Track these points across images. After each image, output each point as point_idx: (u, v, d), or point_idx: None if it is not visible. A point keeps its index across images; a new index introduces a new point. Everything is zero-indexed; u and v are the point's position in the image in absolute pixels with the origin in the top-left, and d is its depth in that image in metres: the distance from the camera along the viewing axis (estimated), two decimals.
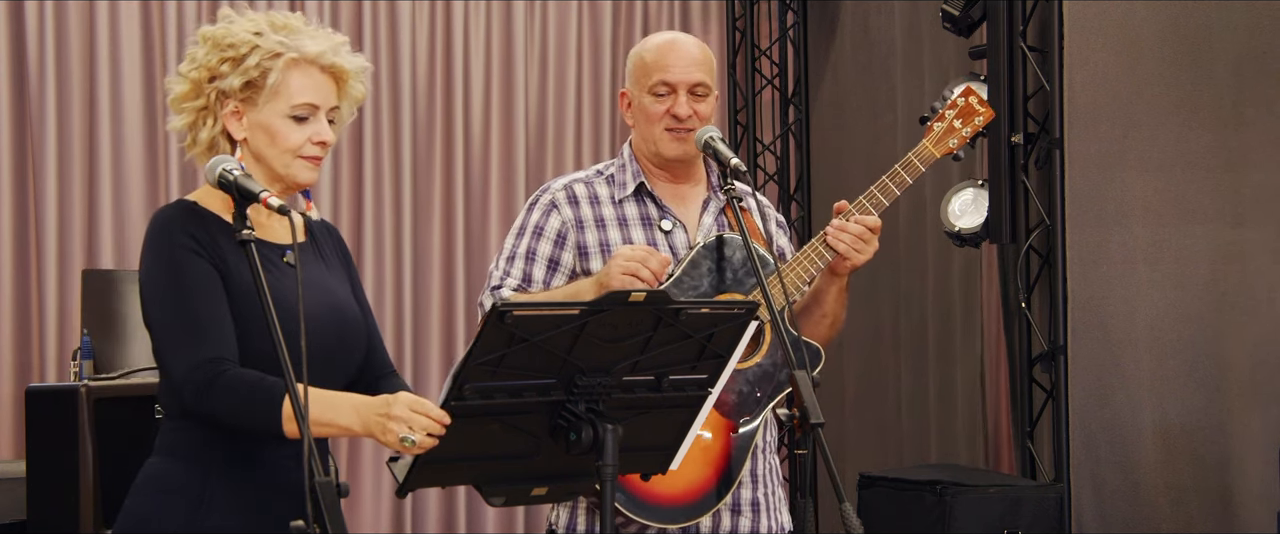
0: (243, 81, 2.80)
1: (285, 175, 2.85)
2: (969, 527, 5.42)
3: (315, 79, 2.83)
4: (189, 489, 2.76)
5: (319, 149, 2.84)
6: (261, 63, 2.79)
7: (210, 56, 2.82)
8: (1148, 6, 5.83)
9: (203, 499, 2.76)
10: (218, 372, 2.70)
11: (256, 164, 2.84)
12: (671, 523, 3.26)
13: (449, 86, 7.31)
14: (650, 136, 3.38)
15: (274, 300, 2.65)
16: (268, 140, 2.82)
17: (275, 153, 2.83)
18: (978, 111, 3.48)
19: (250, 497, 2.78)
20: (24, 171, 6.52)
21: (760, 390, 3.33)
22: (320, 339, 2.77)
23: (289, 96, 2.81)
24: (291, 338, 2.65)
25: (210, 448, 2.77)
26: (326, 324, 2.82)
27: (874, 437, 7.16)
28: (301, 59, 2.82)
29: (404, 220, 7.20)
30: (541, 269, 3.37)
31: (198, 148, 2.85)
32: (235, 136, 2.83)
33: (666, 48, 3.40)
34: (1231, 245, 5.61)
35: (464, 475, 2.73)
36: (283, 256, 2.87)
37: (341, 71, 2.86)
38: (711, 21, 7.83)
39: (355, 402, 2.70)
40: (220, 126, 2.83)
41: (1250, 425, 5.53)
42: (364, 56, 2.93)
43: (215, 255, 2.76)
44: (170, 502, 2.77)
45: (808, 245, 3.35)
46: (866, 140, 7.14)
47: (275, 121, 2.81)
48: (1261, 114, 5.53)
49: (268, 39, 2.81)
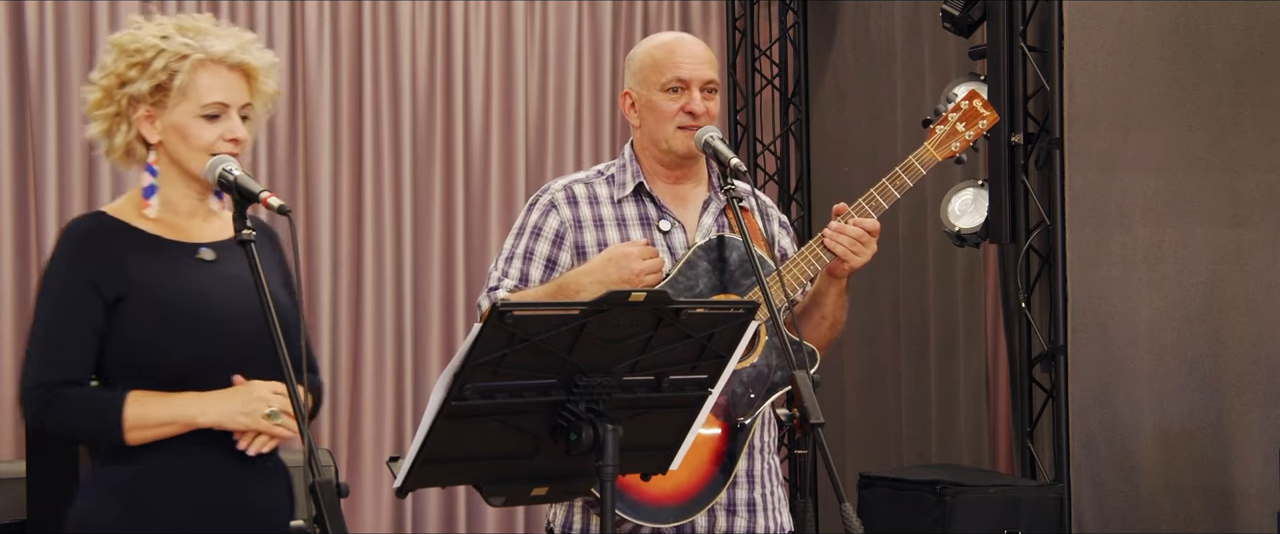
0: (151, 85, 2.83)
1: (199, 174, 2.86)
2: (969, 527, 5.42)
3: (224, 78, 2.87)
4: (123, 490, 2.81)
5: (232, 146, 2.86)
6: (168, 66, 2.83)
7: (118, 63, 2.86)
8: (1147, 6, 5.83)
9: (138, 501, 2.80)
10: (56, 394, 2.78)
11: (172, 166, 2.88)
12: (663, 523, 3.26)
13: (449, 86, 7.31)
14: (662, 134, 3.38)
15: (187, 299, 2.77)
16: (181, 141, 2.85)
17: (189, 153, 2.85)
18: (981, 115, 3.47)
19: (186, 492, 2.81)
20: (24, 171, 6.53)
21: (754, 391, 3.33)
22: (240, 337, 2.82)
23: (198, 97, 2.84)
24: (214, 338, 2.77)
25: (144, 447, 2.81)
26: (246, 321, 2.82)
27: (874, 437, 7.16)
28: (208, 59, 2.85)
29: (404, 220, 7.20)
30: (539, 269, 3.37)
31: (115, 153, 2.90)
32: (149, 140, 2.87)
33: (676, 45, 3.41)
34: (1231, 245, 5.61)
35: (464, 475, 2.73)
36: (196, 254, 2.89)
37: (250, 69, 2.90)
38: (711, 21, 7.83)
39: (201, 395, 2.79)
40: (134, 131, 2.87)
41: (1250, 425, 5.53)
42: (273, 53, 2.96)
43: (111, 275, 2.81)
44: (106, 503, 2.82)
45: (806, 247, 3.34)
46: (866, 140, 7.14)
47: (187, 122, 2.84)
48: (1260, 114, 5.53)
49: (173, 41, 2.85)
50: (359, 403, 7.12)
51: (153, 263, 2.84)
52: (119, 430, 2.77)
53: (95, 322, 2.80)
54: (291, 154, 7.05)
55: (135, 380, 2.80)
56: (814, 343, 3.38)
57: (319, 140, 7.06)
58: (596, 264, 3.25)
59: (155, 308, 2.80)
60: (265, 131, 7.00)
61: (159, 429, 2.78)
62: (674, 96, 3.36)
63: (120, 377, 2.81)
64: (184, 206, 2.91)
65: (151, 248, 2.86)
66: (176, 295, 2.82)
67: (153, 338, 2.79)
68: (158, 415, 2.78)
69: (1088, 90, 5.92)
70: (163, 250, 2.86)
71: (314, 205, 7.06)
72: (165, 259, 2.86)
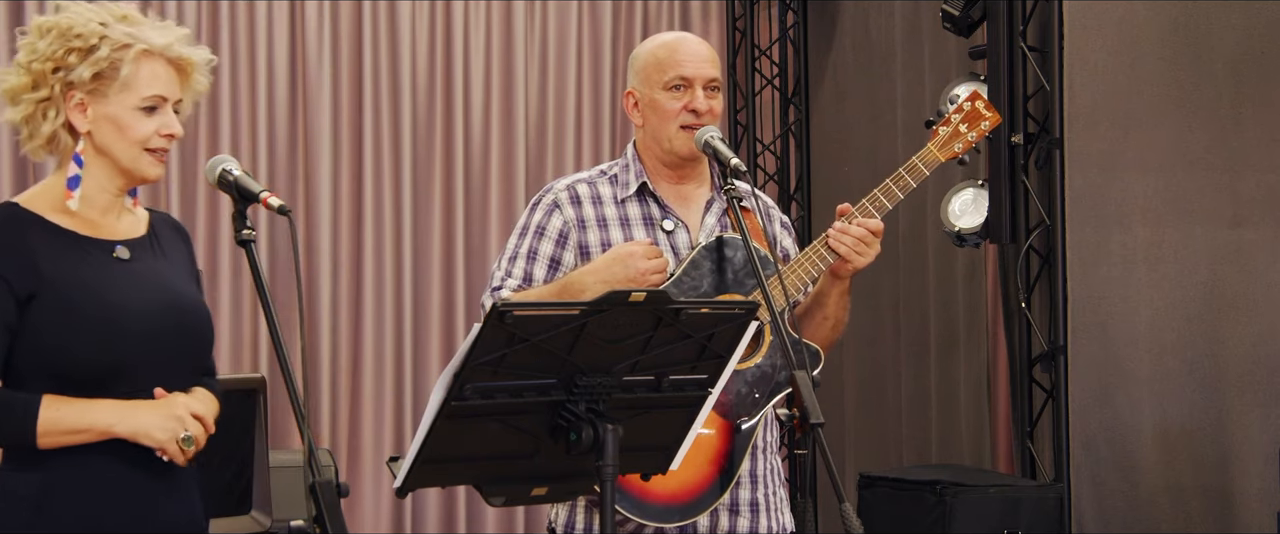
0: (92, 72, 2.73)
1: (131, 169, 2.79)
2: (969, 527, 5.42)
3: (163, 71, 2.78)
4: (32, 496, 2.72)
5: (166, 142, 2.79)
6: (112, 54, 2.73)
7: (55, 47, 2.74)
8: (1147, 6, 5.83)
9: (47, 507, 2.72)
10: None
11: (99, 157, 2.77)
12: (667, 522, 3.27)
13: (449, 86, 7.31)
14: (665, 133, 3.38)
15: (101, 302, 2.68)
16: (115, 133, 2.75)
17: (123, 146, 2.76)
18: (984, 116, 3.47)
19: (97, 500, 2.74)
20: (24, 171, 6.53)
21: (758, 391, 3.33)
22: (157, 339, 2.75)
23: (138, 88, 2.75)
24: (128, 342, 2.69)
25: (54, 452, 2.72)
26: (164, 323, 2.77)
27: (874, 437, 7.16)
28: (149, 50, 2.76)
29: (404, 220, 7.20)
30: (542, 268, 3.37)
31: (36, 140, 2.77)
32: (79, 129, 2.76)
33: (678, 44, 3.41)
34: (1231, 245, 5.61)
35: (464, 475, 2.73)
36: (112, 252, 2.80)
37: (187, 63, 2.81)
38: (711, 21, 7.83)
39: (119, 404, 2.71)
40: (62, 119, 2.75)
41: (1249, 425, 5.52)
42: (207, 50, 2.87)
43: (22, 271, 2.70)
44: (15, 509, 2.73)
45: (809, 247, 3.35)
46: (866, 140, 7.14)
47: (124, 114, 2.75)
48: (1261, 114, 5.53)
49: (115, 30, 2.75)
50: (359, 403, 7.12)
51: (67, 260, 2.73)
52: (31, 435, 2.67)
53: (6, 317, 2.68)
54: (291, 154, 7.05)
55: (45, 382, 2.70)
56: (817, 343, 3.39)
57: (319, 140, 7.06)
58: (601, 263, 3.25)
59: (68, 308, 2.70)
60: (265, 131, 7.00)
61: (73, 436, 2.69)
62: (677, 95, 3.36)
63: (29, 377, 2.71)
64: (101, 201, 2.80)
65: (66, 244, 2.75)
66: (90, 297, 2.72)
67: (64, 341, 2.69)
68: (72, 422, 2.68)
69: (1088, 90, 5.92)
70: (78, 247, 2.76)
71: (314, 205, 7.06)
72: (80, 256, 2.75)
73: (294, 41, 7.04)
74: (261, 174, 6.89)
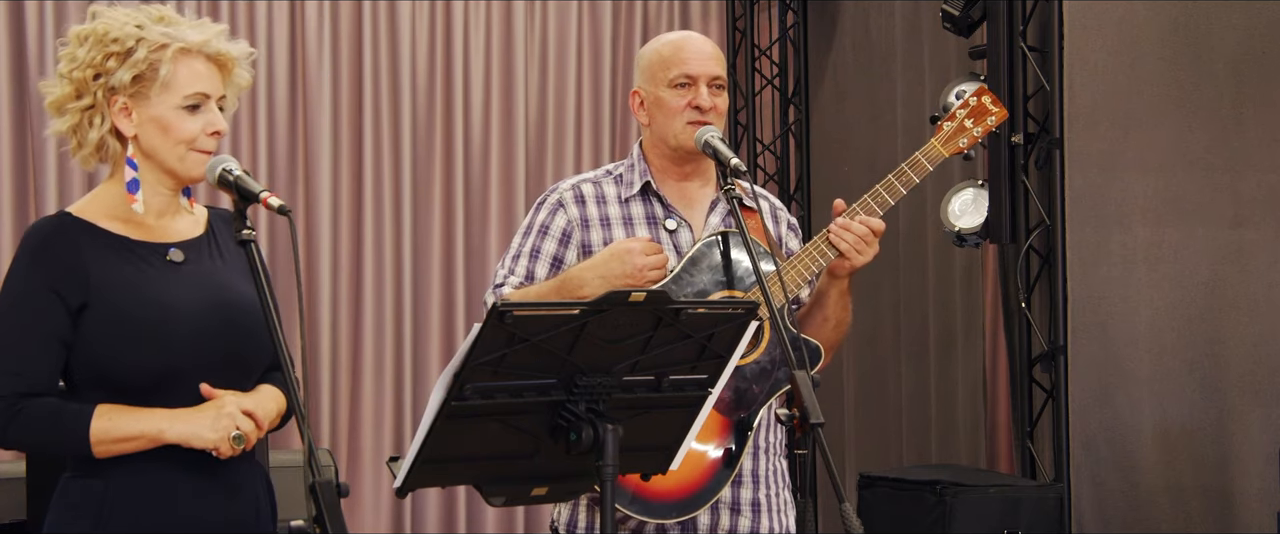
0: (132, 75, 2.72)
1: (178, 169, 2.78)
2: (969, 527, 5.42)
3: (203, 68, 2.78)
4: (93, 503, 2.73)
5: (213, 140, 2.78)
6: (149, 55, 2.73)
7: (93, 53, 2.73)
8: (1147, 6, 5.82)
9: (108, 515, 2.73)
10: (19, 408, 2.69)
11: (148, 160, 2.77)
12: (666, 518, 3.27)
13: (449, 86, 7.31)
14: (671, 130, 3.38)
15: (153, 308, 2.68)
16: (161, 134, 2.75)
17: (169, 146, 2.76)
18: (990, 111, 3.46)
19: (157, 507, 2.75)
20: (24, 171, 6.53)
21: (758, 386, 3.33)
22: (210, 342, 2.75)
23: (180, 87, 2.75)
24: (182, 348, 2.69)
25: (113, 460, 2.73)
26: (215, 324, 2.77)
27: (874, 437, 7.16)
28: (188, 48, 2.76)
29: (404, 220, 7.20)
30: (545, 267, 3.38)
31: (85, 149, 2.77)
32: (125, 134, 2.76)
33: (683, 42, 3.43)
34: (1231, 245, 5.61)
35: (464, 475, 2.73)
36: (165, 256, 2.80)
37: (226, 58, 2.81)
38: (711, 21, 7.83)
39: (170, 411, 2.71)
40: (108, 125, 2.75)
41: (1250, 425, 5.52)
42: (246, 44, 2.87)
43: (74, 280, 2.70)
44: (76, 517, 2.74)
45: (809, 243, 3.34)
46: (866, 140, 7.14)
47: (167, 114, 2.75)
48: (1261, 114, 5.53)
49: (150, 31, 2.74)
50: (359, 403, 7.12)
51: (118, 267, 2.73)
52: (86, 445, 2.68)
53: (60, 331, 2.69)
54: (291, 154, 7.05)
55: (100, 390, 2.71)
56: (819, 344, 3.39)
57: (319, 140, 7.06)
58: (600, 259, 3.26)
59: (118, 317, 2.70)
60: (265, 131, 7.01)
61: (125, 444, 2.70)
62: (682, 92, 3.37)
63: (85, 386, 2.73)
64: (156, 204, 2.80)
65: (118, 250, 2.75)
66: (140, 303, 2.72)
67: (117, 349, 2.70)
68: (123, 430, 2.69)
69: (1088, 90, 5.92)
70: (130, 253, 2.76)
71: (314, 205, 7.06)
72: (132, 262, 2.75)
73: (294, 41, 7.04)
74: (261, 174, 6.89)
